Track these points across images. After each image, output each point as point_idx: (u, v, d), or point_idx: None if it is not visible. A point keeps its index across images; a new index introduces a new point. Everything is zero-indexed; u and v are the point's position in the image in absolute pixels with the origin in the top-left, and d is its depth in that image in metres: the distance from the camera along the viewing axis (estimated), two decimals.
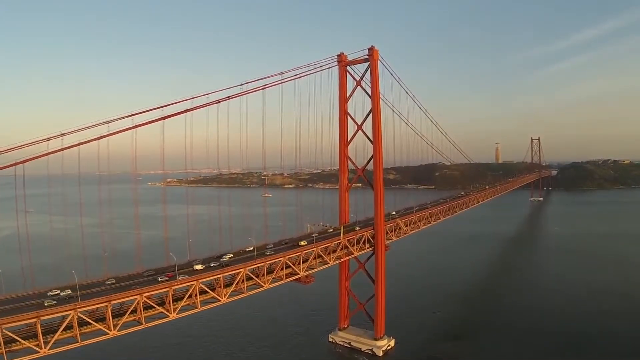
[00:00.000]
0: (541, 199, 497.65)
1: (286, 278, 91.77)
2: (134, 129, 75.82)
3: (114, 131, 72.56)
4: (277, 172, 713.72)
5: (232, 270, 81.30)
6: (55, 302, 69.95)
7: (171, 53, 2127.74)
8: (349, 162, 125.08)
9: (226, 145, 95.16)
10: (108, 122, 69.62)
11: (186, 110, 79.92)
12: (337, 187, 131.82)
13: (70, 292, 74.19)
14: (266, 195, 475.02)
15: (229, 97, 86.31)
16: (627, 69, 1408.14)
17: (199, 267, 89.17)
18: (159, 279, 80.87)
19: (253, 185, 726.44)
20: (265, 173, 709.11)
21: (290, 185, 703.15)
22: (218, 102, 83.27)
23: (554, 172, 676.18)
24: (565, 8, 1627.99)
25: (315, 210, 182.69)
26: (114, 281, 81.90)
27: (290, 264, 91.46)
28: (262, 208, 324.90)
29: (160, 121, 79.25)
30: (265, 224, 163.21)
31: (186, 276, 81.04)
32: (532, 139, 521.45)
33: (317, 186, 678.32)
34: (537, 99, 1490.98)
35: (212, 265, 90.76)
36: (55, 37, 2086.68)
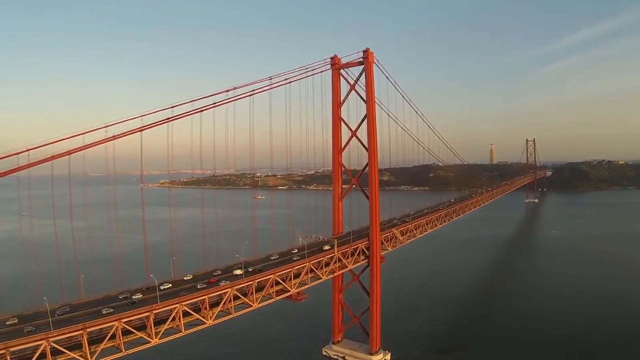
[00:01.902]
0: (536, 200, 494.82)
1: (276, 296, 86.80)
2: (119, 138, 71.95)
3: (92, 143, 68.01)
4: (270, 174, 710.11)
5: (218, 291, 76.28)
6: (113, 310, 69.55)
7: (162, 53, 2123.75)
8: (344, 169, 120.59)
9: (221, 147, 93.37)
10: (84, 133, 65.05)
11: (168, 119, 75.23)
12: (330, 188, 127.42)
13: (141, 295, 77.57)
14: (259, 197, 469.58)
15: (214, 105, 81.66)
16: (622, 69, 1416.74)
17: (238, 272, 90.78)
18: (198, 286, 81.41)
19: (246, 187, 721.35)
20: (258, 175, 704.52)
21: (283, 187, 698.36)
22: (201, 110, 78.64)
23: (549, 173, 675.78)
24: (561, 8, 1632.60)
25: (308, 213, 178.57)
26: (170, 285, 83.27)
27: (281, 281, 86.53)
28: (259, 212, 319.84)
29: (146, 127, 75.31)
30: (264, 229, 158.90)
31: (228, 282, 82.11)
32: (527, 141, 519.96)
33: (310, 187, 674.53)
34: (532, 99, 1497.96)
35: (250, 269, 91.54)
36: (54, 38, 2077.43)
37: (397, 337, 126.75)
